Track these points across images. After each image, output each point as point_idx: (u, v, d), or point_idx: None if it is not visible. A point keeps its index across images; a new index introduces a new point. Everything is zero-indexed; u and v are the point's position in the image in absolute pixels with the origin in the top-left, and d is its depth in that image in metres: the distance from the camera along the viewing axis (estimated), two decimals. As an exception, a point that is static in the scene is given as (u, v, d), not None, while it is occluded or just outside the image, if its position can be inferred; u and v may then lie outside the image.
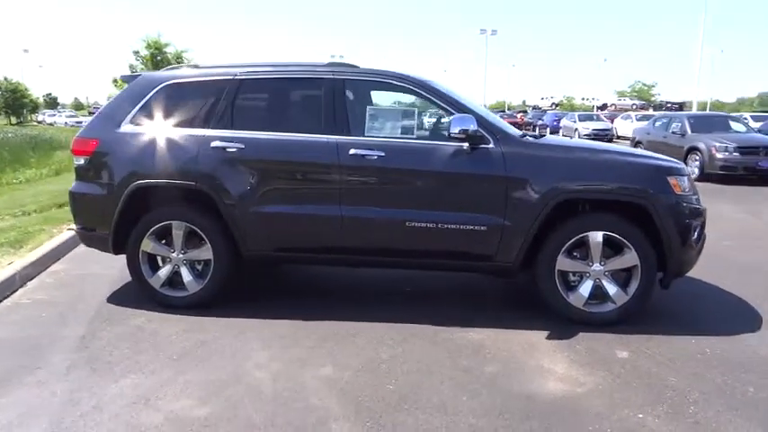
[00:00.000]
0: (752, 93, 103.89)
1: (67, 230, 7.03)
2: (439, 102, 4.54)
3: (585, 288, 4.40)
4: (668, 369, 3.67)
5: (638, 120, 29.27)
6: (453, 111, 4.47)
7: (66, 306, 4.79)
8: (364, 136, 4.53)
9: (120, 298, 4.96)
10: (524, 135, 4.62)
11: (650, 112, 39.45)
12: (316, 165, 4.49)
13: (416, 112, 4.58)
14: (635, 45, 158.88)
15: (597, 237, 4.31)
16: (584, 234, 4.32)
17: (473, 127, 4.25)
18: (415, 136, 4.55)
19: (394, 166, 4.43)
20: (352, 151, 4.40)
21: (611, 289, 4.37)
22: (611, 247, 4.36)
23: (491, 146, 4.36)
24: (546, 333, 4.22)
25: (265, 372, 3.60)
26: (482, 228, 4.36)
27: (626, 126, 29.34)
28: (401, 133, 4.54)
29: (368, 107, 4.65)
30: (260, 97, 4.79)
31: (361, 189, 4.45)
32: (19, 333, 4.22)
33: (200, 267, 4.71)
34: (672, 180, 4.34)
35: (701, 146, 13.71)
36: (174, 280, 4.72)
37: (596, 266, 4.36)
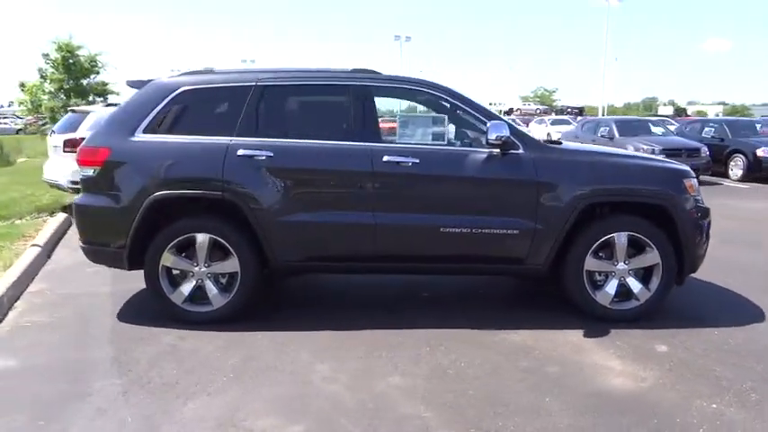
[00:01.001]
0: (637, 98, 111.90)
1: (32, 247, 6.55)
2: (467, 108, 4.61)
3: (611, 287, 4.60)
4: (710, 360, 3.90)
5: (551, 124, 30.65)
6: (482, 117, 4.55)
7: (76, 327, 4.46)
8: (396, 143, 4.53)
9: (130, 315, 4.67)
10: (546, 141, 4.78)
11: (554, 116, 41.31)
12: (349, 172, 4.43)
13: (446, 119, 4.61)
14: (540, 51, 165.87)
15: (622, 237, 4.52)
16: (611, 235, 4.52)
17: (506, 133, 4.36)
18: (445, 142, 4.59)
19: (428, 172, 4.45)
20: (386, 158, 4.38)
21: (636, 287, 4.59)
22: (633, 247, 4.59)
23: (520, 151, 4.48)
24: (580, 332, 4.37)
25: (337, 384, 3.52)
26: (514, 231, 4.46)
27: (540, 129, 30.63)
28: (432, 140, 4.57)
29: (398, 114, 4.65)
30: (285, 104, 4.67)
31: (395, 196, 4.44)
32: (42, 359, 3.90)
33: (224, 281, 4.53)
34: (687, 182, 4.62)
35: (630, 149, 14.56)
36: (196, 295, 4.51)
37: (621, 266, 4.57)
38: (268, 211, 4.36)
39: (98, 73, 22.89)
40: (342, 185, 4.46)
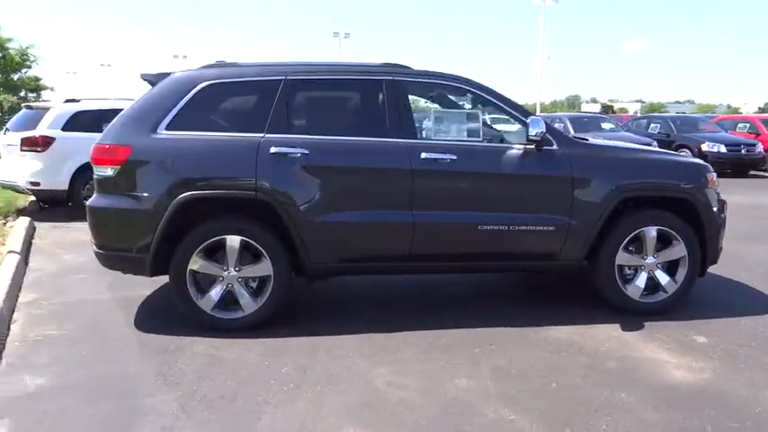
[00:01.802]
0: (561, 96, 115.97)
1: (9, 254, 6.07)
2: (500, 104, 4.56)
3: (641, 280, 4.66)
4: (753, 350, 4.00)
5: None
6: (515, 113, 4.52)
7: (95, 339, 4.14)
8: (432, 139, 4.43)
9: (147, 324, 4.38)
10: (574, 137, 4.79)
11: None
12: (387, 170, 4.30)
13: (480, 115, 4.55)
14: (478, 49, 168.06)
15: (652, 231, 4.59)
16: (642, 229, 4.57)
17: (544, 129, 4.34)
18: (481, 138, 4.53)
19: (467, 169, 4.38)
20: (423, 155, 4.28)
21: (664, 279, 4.66)
22: (661, 241, 4.66)
23: (554, 147, 4.47)
24: (616, 326, 4.39)
25: (406, 390, 3.39)
26: (550, 228, 4.45)
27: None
28: (467, 136, 4.50)
29: (433, 109, 4.55)
30: (316, 99, 4.50)
31: (433, 193, 4.34)
32: (74, 376, 3.58)
33: (254, 285, 4.30)
34: (709, 176, 4.74)
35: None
36: (225, 300, 4.27)
37: (650, 259, 4.64)
38: (303, 211, 4.18)
39: (30, 67, 21.63)
40: (379, 183, 4.32)
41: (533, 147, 4.41)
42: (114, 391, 3.38)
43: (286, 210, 4.15)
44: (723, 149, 15.26)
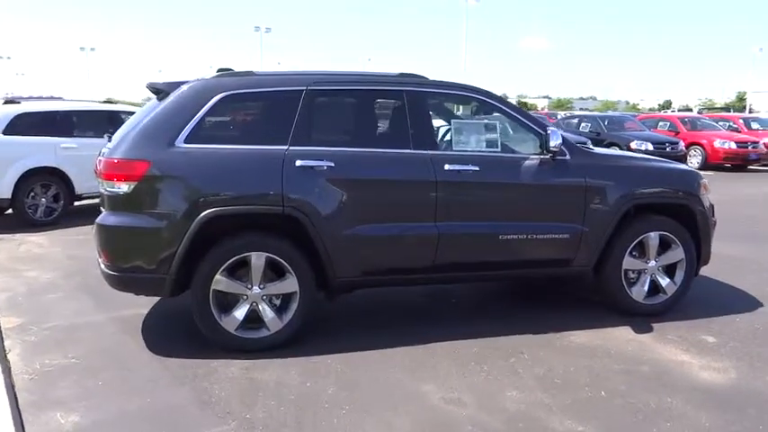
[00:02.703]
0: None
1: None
2: (514, 114, 4.63)
3: (644, 283, 4.87)
4: (760, 347, 4.27)
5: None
6: (528, 123, 4.60)
7: (112, 367, 3.89)
8: (453, 150, 4.45)
9: (162, 347, 4.17)
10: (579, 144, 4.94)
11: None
12: (412, 182, 4.28)
13: (497, 125, 4.60)
14: (402, 44, 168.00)
15: (655, 237, 4.81)
16: (646, 234, 4.78)
17: (561, 141, 4.45)
18: (499, 149, 4.58)
19: (489, 179, 4.43)
20: (447, 166, 4.29)
21: (664, 281, 4.90)
22: (660, 245, 4.89)
23: (567, 157, 4.59)
24: (626, 329, 4.57)
25: (466, 407, 3.38)
26: (566, 236, 4.57)
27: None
28: (486, 147, 4.54)
29: (452, 120, 4.55)
30: (339, 110, 4.42)
31: (456, 204, 4.36)
32: (109, 409, 3.35)
33: (277, 302, 4.17)
34: (702, 182, 5.01)
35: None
36: (248, 319, 4.11)
37: (652, 263, 4.86)
38: (330, 226, 4.09)
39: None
40: (404, 196, 4.29)
41: (549, 157, 4.51)
42: (163, 424, 3.20)
43: (313, 224, 4.04)
44: (650, 147, 16.14)
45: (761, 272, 6.26)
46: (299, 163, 4.03)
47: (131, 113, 7.13)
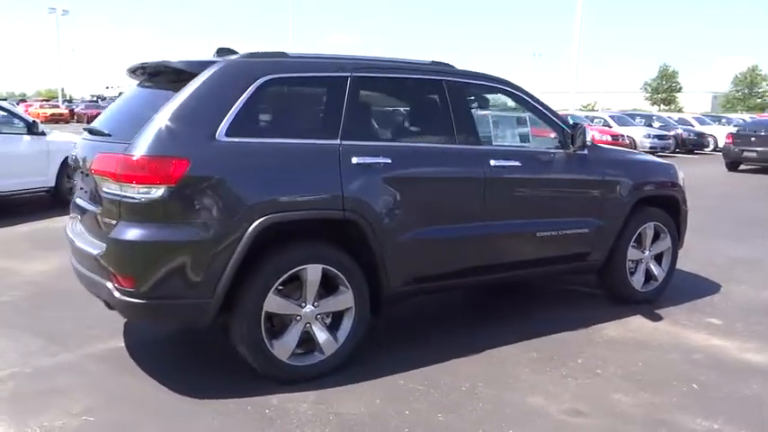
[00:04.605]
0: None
1: None
2: (542, 109, 4.50)
3: (641, 272, 5.05)
4: (759, 325, 4.62)
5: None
6: (557, 119, 4.51)
7: (145, 422, 3.08)
8: (493, 145, 4.21)
9: (196, 387, 3.40)
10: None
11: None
12: (465, 179, 3.98)
13: (528, 119, 4.44)
14: (233, 33, 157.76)
15: (651, 227, 5.01)
16: (644, 226, 4.96)
17: (589, 136, 4.43)
18: (530, 143, 4.43)
19: (528, 175, 4.26)
20: (493, 162, 4.05)
21: (657, 269, 5.13)
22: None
23: (586, 152, 4.59)
24: (641, 318, 4.68)
25: (588, 417, 3.18)
26: (586, 230, 4.57)
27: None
28: (519, 141, 4.37)
29: (490, 114, 4.29)
30: (383, 100, 3.94)
31: (501, 202, 4.14)
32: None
33: (328, 321, 3.62)
34: (681, 175, 5.33)
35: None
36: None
37: (647, 253, 5.06)
38: (388, 230, 3.64)
39: None
40: (458, 194, 3.97)
41: (572, 151, 4.46)
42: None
43: (373, 229, 3.56)
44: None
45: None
46: (355, 160, 3.51)
47: None
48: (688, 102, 65.84)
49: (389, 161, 3.63)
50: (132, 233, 3.10)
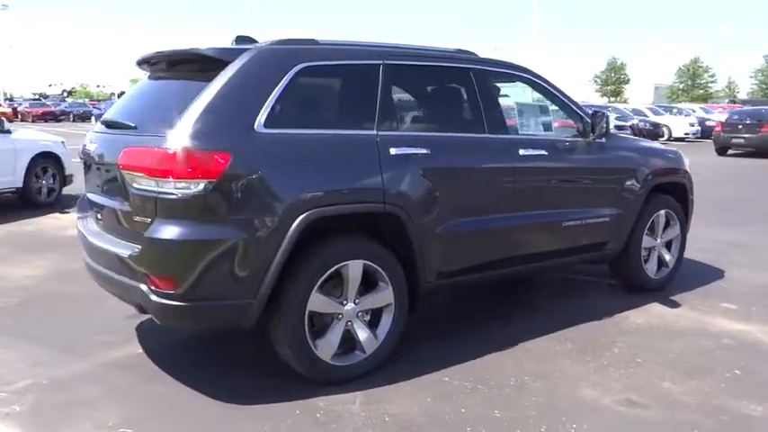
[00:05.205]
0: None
1: None
2: (562, 98, 4.45)
3: (654, 260, 5.07)
4: (772, 308, 4.71)
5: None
6: (576, 108, 4.46)
7: (181, 424, 2.89)
8: (519, 134, 4.14)
9: (238, 392, 3.21)
10: None
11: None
12: (498, 169, 3.90)
13: (550, 107, 4.38)
14: (148, 33, 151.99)
15: (663, 215, 5.03)
16: (657, 213, 4.97)
17: (611, 124, 4.40)
18: (553, 132, 4.37)
19: (555, 164, 4.21)
20: (521, 151, 3.98)
21: (667, 256, 5.16)
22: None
23: (603, 140, 4.57)
24: (658, 305, 4.70)
25: (647, 408, 3.14)
26: (606, 219, 4.55)
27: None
28: (543, 130, 4.31)
29: (515, 102, 4.21)
30: (415, 89, 3.81)
31: (529, 192, 4.07)
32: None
33: (367, 319, 3.48)
34: (687, 162, 5.37)
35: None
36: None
37: (659, 240, 5.08)
38: (426, 223, 3.52)
39: None
40: (491, 184, 3.88)
41: (592, 140, 4.43)
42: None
43: (413, 222, 3.44)
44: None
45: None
46: (393, 151, 3.38)
47: None
48: (632, 93, 67.68)
49: (426, 151, 3.51)
50: (171, 231, 2.89)
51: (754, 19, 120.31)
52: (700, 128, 26.00)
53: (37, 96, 61.22)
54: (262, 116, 3.05)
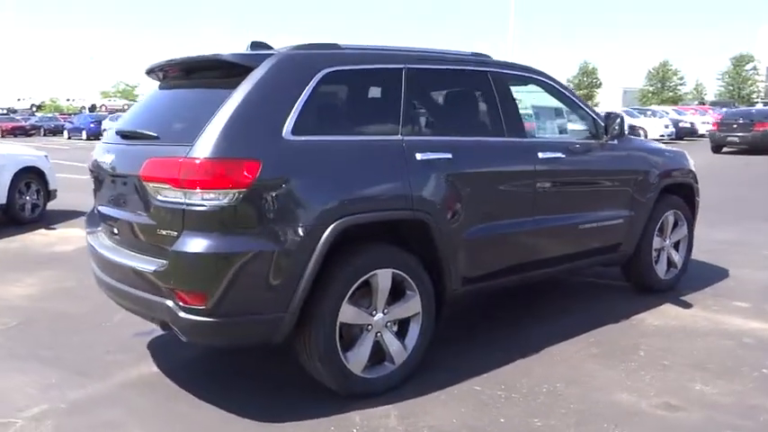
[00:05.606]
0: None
1: None
2: (575, 100, 4.44)
3: (664, 260, 5.08)
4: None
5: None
6: (589, 110, 4.45)
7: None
8: (537, 137, 4.11)
9: (275, 410, 3.11)
10: None
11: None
12: (518, 172, 3.86)
13: (565, 110, 4.36)
14: (118, 45, 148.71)
15: (671, 216, 5.04)
16: (666, 214, 4.98)
17: (628, 126, 4.40)
18: (569, 134, 4.35)
19: (572, 167, 4.19)
20: (540, 155, 3.95)
21: (676, 257, 5.17)
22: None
23: (616, 142, 4.56)
24: (672, 306, 4.69)
25: (684, 411, 3.11)
26: (620, 221, 4.54)
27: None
28: (559, 132, 4.28)
29: (532, 105, 4.18)
30: (436, 93, 3.75)
31: (548, 196, 4.04)
32: None
33: (395, 329, 3.40)
34: (693, 163, 5.39)
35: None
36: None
37: (667, 241, 5.09)
38: (452, 229, 3.47)
39: None
40: (513, 188, 3.84)
41: (605, 142, 4.42)
42: None
43: (440, 228, 3.37)
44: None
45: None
46: (419, 156, 3.32)
47: None
48: (602, 98, 68.62)
49: (450, 156, 3.45)
50: (200, 244, 2.78)
51: (719, 22, 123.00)
52: (674, 129, 26.42)
53: (5, 111, 59.87)
54: (289, 123, 2.97)
